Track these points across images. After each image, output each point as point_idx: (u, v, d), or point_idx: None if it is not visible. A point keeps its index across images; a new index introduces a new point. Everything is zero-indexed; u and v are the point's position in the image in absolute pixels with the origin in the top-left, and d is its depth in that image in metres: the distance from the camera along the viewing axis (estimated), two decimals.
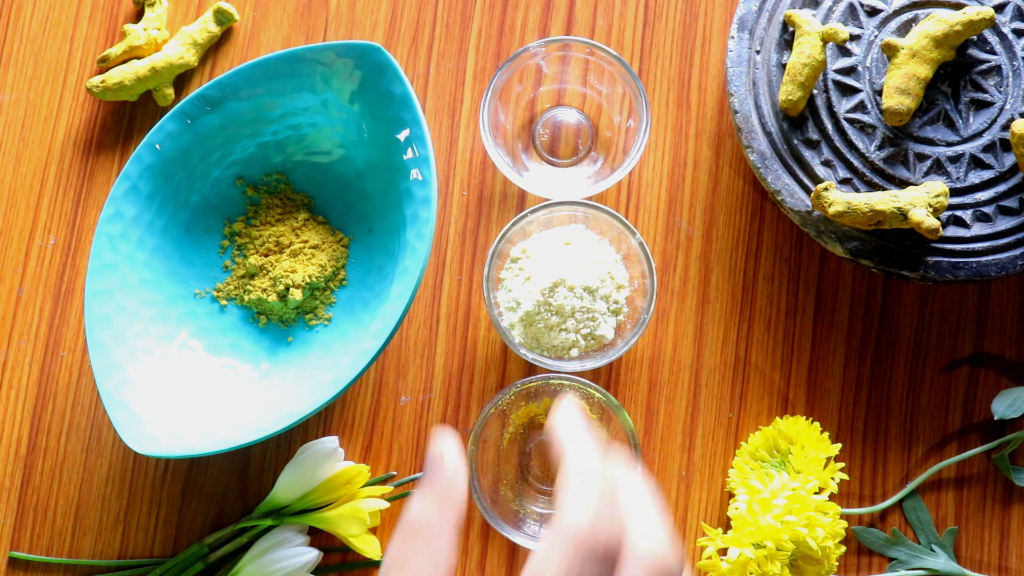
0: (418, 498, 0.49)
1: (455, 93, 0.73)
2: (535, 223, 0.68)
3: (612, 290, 0.67)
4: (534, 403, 0.68)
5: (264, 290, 0.69)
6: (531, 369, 0.70)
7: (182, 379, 0.66)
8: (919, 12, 0.69)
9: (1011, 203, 0.67)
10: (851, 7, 0.69)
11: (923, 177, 0.67)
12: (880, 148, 0.68)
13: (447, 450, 0.50)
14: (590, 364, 0.66)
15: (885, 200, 0.65)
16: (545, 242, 0.68)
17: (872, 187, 0.67)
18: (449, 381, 0.70)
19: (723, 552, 0.66)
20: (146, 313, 0.67)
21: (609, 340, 0.67)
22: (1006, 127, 0.68)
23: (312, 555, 0.66)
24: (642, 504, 0.47)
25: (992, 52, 0.69)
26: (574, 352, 0.66)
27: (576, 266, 0.66)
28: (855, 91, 0.68)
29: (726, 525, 0.69)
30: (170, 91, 0.73)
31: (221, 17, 0.73)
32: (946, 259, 0.66)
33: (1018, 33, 0.69)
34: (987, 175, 0.68)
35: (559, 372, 0.68)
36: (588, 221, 0.68)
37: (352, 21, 0.74)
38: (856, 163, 0.68)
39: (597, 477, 0.46)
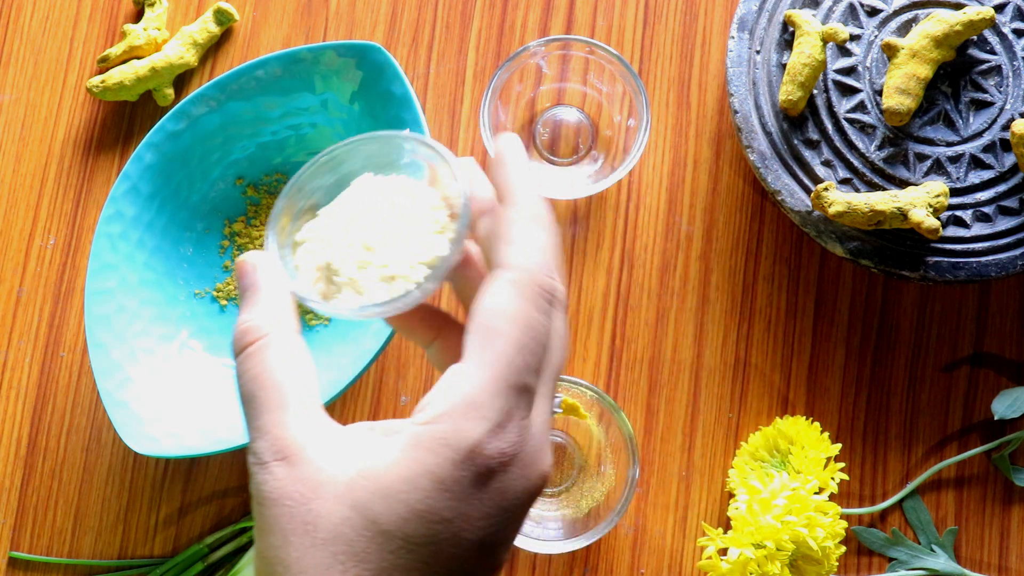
0: (243, 311, 0.43)
1: (455, 93, 0.73)
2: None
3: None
4: None
5: None
6: None
7: (182, 379, 0.66)
8: (919, 12, 0.69)
9: (1011, 203, 0.67)
10: (851, 7, 0.69)
11: (923, 177, 0.67)
12: (880, 148, 0.68)
13: (254, 260, 0.44)
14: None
15: (885, 200, 0.65)
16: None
17: (872, 187, 0.67)
18: None
19: (723, 552, 0.66)
20: (146, 313, 0.67)
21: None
22: (1006, 127, 0.68)
23: None
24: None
25: (992, 52, 0.69)
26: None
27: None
28: (855, 91, 0.68)
29: (726, 525, 0.69)
30: (170, 91, 0.73)
31: (221, 17, 0.73)
32: (946, 259, 0.66)
33: (1018, 33, 0.69)
34: (987, 175, 0.68)
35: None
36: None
37: (352, 21, 0.74)
38: (856, 163, 0.68)
39: (548, 222, 0.43)
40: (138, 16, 0.74)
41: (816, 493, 0.65)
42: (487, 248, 0.44)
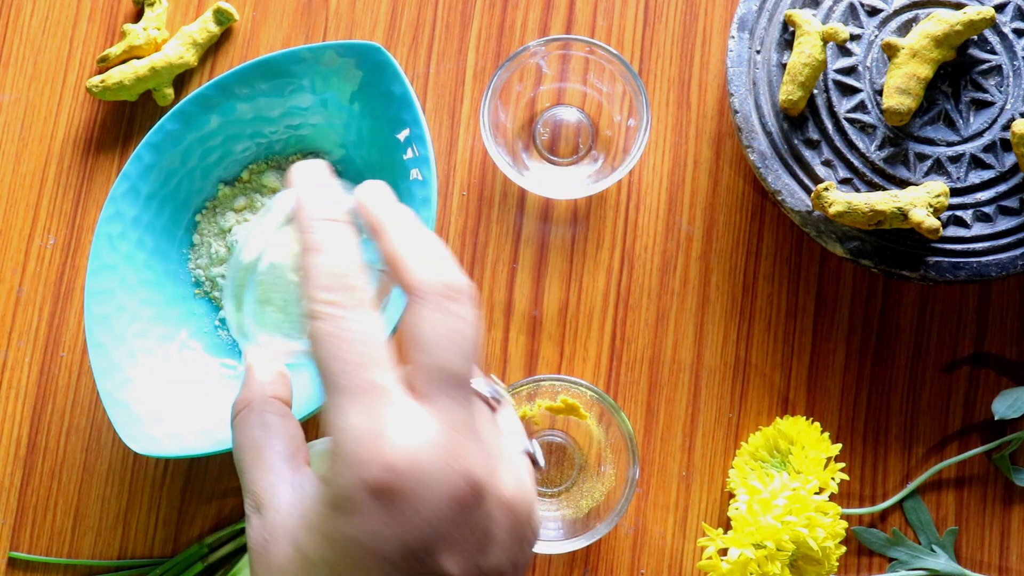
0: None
1: (455, 93, 0.73)
2: None
3: None
4: (527, 406, 0.68)
5: None
6: (531, 371, 0.70)
7: (182, 379, 0.66)
8: (919, 12, 0.69)
9: (1011, 203, 0.67)
10: (851, 7, 0.69)
11: (923, 177, 0.67)
12: (880, 148, 0.68)
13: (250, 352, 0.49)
14: None
15: (885, 200, 0.65)
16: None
17: (872, 187, 0.67)
18: None
19: (723, 552, 0.66)
20: (146, 313, 0.67)
21: None
22: (1007, 127, 0.68)
23: None
24: None
25: (992, 52, 0.69)
26: None
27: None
28: (855, 91, 0.68)
29: (726, 525, 0.69)
30: (170, 91, 0.73)
31: (221, 17, 0.73)
32: (946, 259, 0.66)
33: (1019, 33, 0.69)
34: (987, 175, 0.67)
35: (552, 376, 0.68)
36: None
37: (352, 21, 0.74)
38: (856, 163, 0.68)
39: (422, 228, 0.46)
40: (138, 16, 0.74)
41: (816, 493, 0.65)
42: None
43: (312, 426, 0.70)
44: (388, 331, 0.46)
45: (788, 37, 0.69)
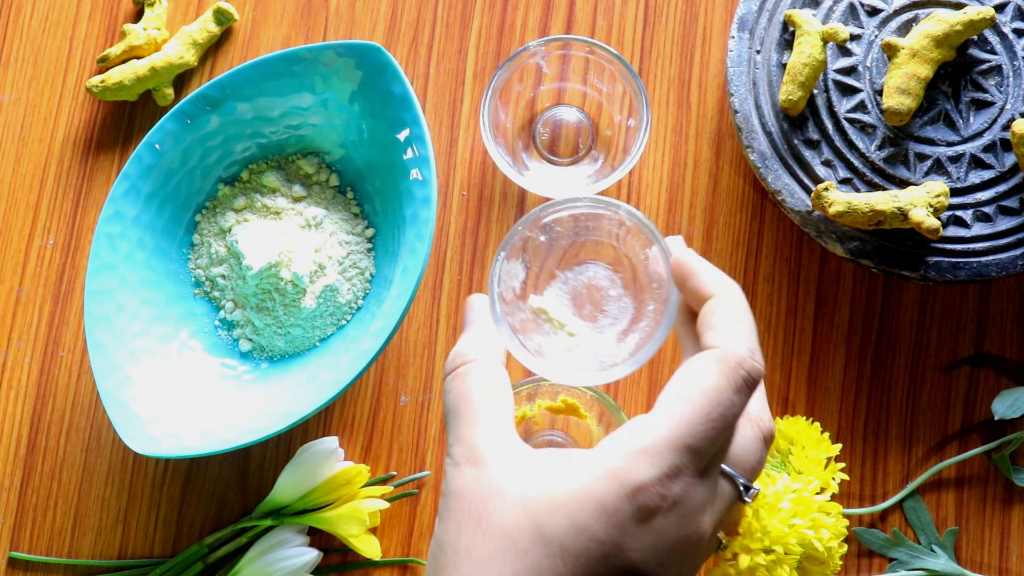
0: (460, 340, 0.51)
1: (455, 93, 0.73)
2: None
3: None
4: (527, 406, 0.68)
5: None
6: (529, 371, 0.70)
7: (182, 379, 0.66)
8: (919, 12, 0.69)
9: (1011, 203, 0.67)
10: (851, 7, 0.69)
11: (923, 177, 0.67)
12: (880, 148, 0.68)
13: (477, 304, 0.53)
14: None
15: (885, 200, 0.65)
16: None
17: (872, 187, 0.67)
18: None
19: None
20: (146, 313, 0.67)
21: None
22: (1006, 127, 0.68)
23: (312, 555, 0.66)
24: None
25: (992, 52, 0.69)
26: None
27: None
28: (855, 91, 0.68)
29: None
30: (170, 91, 0.73)
31: (221, 17, 0.73)
32: (946, 259, 0.66)
33: (1019, 33, 0.69)
34: (987, 175, 0.67)
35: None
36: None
37: (352, 21, 0.74)
38: (856, 163, 0.68)
39: (748, 311, 0.50)
40: (138, 16, 0.74)
41: (817, 493, 0.65)
42: (681, 333, 0.51)
43: (314, 425, 0.70)
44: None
45: (788, 37, 0.69)
